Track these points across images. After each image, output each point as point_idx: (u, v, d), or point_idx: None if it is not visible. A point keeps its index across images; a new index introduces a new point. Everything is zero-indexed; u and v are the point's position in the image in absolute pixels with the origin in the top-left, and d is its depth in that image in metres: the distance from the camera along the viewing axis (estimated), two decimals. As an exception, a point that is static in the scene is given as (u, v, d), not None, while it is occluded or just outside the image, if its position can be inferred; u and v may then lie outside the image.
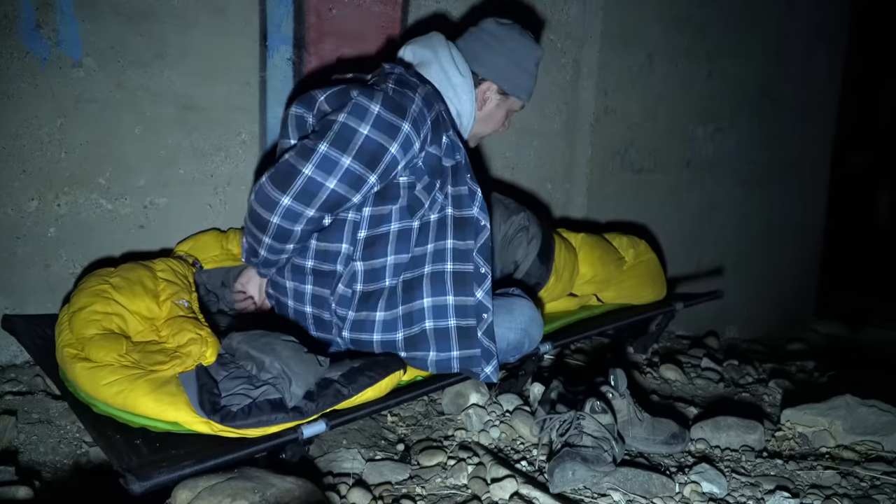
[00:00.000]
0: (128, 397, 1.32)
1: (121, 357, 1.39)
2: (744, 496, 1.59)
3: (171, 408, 1.32)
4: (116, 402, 1.33)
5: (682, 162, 3.53)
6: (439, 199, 1.59)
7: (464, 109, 1.72)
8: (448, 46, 1.71)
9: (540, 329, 1.75)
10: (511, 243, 1.96)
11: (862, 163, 7.06)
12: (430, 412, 1.89)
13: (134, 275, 1.59)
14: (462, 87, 1.69)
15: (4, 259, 1.73)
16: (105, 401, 1.34)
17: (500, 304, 1.69)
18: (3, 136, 1.68)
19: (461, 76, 1.69)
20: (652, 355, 2.56)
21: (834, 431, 1.93)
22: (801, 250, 4.67)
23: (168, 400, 1.32)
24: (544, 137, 2.85)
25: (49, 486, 1.41)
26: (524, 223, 1.97)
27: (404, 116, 1.49)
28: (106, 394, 1.33)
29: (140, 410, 1.32)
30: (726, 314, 3.79)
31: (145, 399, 1.32)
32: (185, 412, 1.32)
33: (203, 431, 1.32)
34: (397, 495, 1.47)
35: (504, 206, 2.00)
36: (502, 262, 1.98)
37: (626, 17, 3.02)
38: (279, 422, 1.33)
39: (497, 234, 1.96)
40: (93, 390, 1.35)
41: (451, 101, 1.68)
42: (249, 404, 1.33)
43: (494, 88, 1.77)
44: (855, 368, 2.92)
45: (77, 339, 1.43)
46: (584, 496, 1.53)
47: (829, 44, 4.51)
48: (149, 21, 1.81)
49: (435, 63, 1.67)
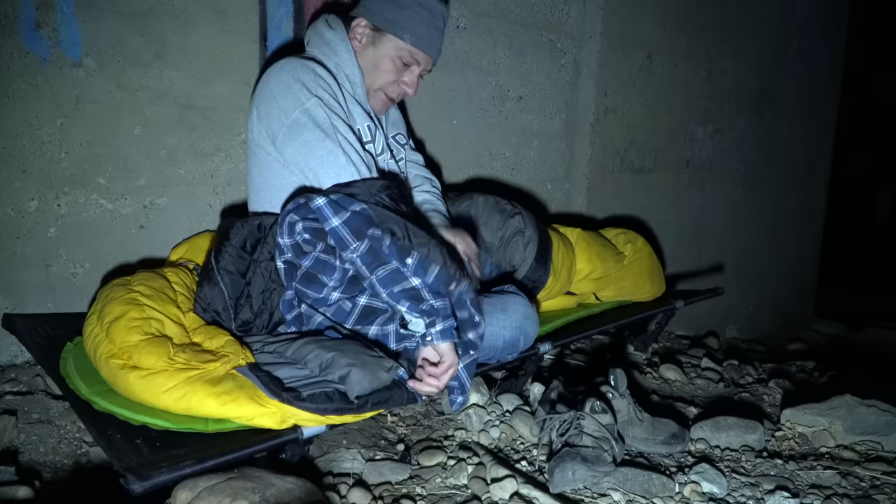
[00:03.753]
0: (191, 401, 1.31)
1: (171, 360, 1.37)
2: (744, 496, 1.59)
3: (235, 405, 1.31)
4: (179, 406, 1.31)
5: (682, 162, 3.53)
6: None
7: (342, 61, 1.71)
8: (325, 17, 1.77)
9: (535, 325, 1.74)
10: (508, 246, 1.95)
11: (862, 163, 7.07)
12: (430, 412, 1.89)
13: (156, 283, 1.57)
14: (333, 39, 1.71)
15: (4, 259, 1.73)
16: (166, 407, 1.32)
17: (495, 301, 1.68)
18: (3, 136, 1.68)
19: (331, 29, 1.72)
20: (652, 355, 2.57)
21: (834, 431, 1.93)
22: (801, 250, 4.67)
23: (229, 398, 1.32)
24: (544, 137, 2.86)
25: (49, 486, 1.41)
26: (520, 226, 1.96)
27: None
28: (167, 400, 1.32)
29: (204, 412, 1.31)
30: (726, 314, 3.80)
31: (208, 400, 1.31)
32: (248, 407, 1.31)
33: (263, 426, 1.32)
34: (397, 495, 1.47)
35: (500, 208, 2.00)
36: (499, 263, 1.97)
37: (625, 17, 3.02)
38: (344, 412, 1.34)
39: (494, 236, 1.95)
40: (152, 398, 1.33)
41: (333, 63, 1.70)
42: (316, 392, 1.34)
43: (363, 23, 1.72)
44: (855, 368, 2.92)
45: (120, 348, 1.39)
46: (584, 496, 1.53)
47: (829, 44, 4.51)
48: (149, 21, 1.81)
49: (312, 34, 1.74)
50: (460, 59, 2.50)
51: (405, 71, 1.74)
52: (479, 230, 1.97)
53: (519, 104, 2.73)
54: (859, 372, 2.79)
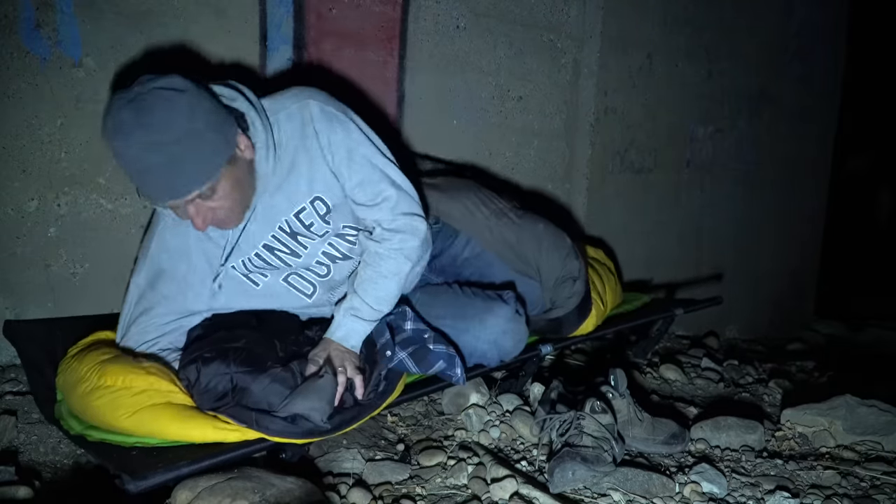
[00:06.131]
0: (152, 425, 1.31)
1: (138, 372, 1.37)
2: (744, 496, 1.59)
3: (197, 430, 1.31)
4: (141, 430, 1.31)
5: (682, 162, 3.53)
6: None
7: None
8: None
9: (515, 341, 1.70)
10: (556, 289, 1.90)
11: (862, 163, 7.06)
12: (430, 412, 1.89)
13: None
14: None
15: (4, 259, 1.73)
16: (127, 431, 1.32)
17: (478, 308, 1.68)
18: (3, 136, 1.68)
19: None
20: (652, 355, 2.57)
21: (834, 431, 1.93)
22: (801, 250, 4.67)
23: (192, 424, 1.32)
24: (544, 137, 2.85)
25: (49, 486, 1.41)
26: (575, 275, 1.91)
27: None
28: (127, 424, 1.31)
29: (165, 435, 1.31)
30: (726, 314, 3.79)
31: (170, 425, 1.31)
32: (210, 431, 1.31)
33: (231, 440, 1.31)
34: (397, 495, 1.47)
35: (559, 244, 1.91)
36: (548, 301, 1.91)
37: (625, 17, 3.02)
38: (302, 436, 1.35)
39: (549, 275, 1.88)
40: (113, 420, 1.32)
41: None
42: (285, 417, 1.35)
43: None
44: (855, 368, 2.92)
45: (89, 368, 1.39)
46: (584, 496, 1.53)
47: (829, 45, 4.51)
48: (149, 21, 1.81)
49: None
50: (460, 59, 2.50)
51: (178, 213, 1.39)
52: (533, 253, 1.89)
53: (519, 104, 2.73)
54: (859, 372, 2.79)
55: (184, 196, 1.31)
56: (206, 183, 1.31)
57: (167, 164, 1.26)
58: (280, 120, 1.46)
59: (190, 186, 1.30)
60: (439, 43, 2.42)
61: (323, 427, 1.35)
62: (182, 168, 1.27)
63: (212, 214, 1.37)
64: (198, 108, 1.28)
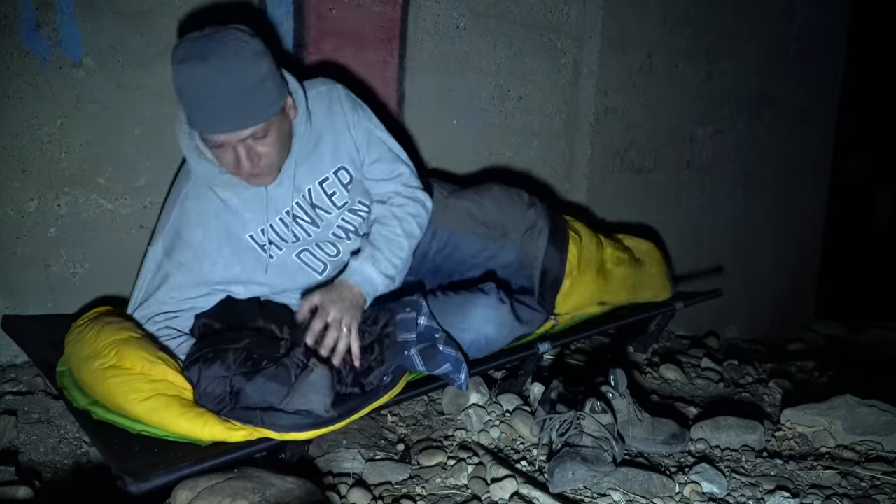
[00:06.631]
0: (162, 416, 1.31)
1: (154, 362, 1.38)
2: (744, 496, 1.59)
3: (206, 428, 1.31)
4: (151, 419, 1.31)
5: (682, 162, 3.53)
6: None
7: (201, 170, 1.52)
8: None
9: (497, 326, 1.71)
10: (525, 241, 1.93)
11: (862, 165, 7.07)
12: (430, 412, 1.89)
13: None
14: (185, 148, 1.52)
15: (4, 259, 1.73)
16: (138, 417, 1.32)
17: (457, 301, 1.70)
18: (3, 136, 1.68)
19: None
20: (652, 355, 2.57)
21: (834, 431, 1.93)
22: (800, 251, 4.67)
23: (200, 422, 1.31)
24: (544, 137, 2.86)
25: (49, 486, 1.41)
26: (539, 223, 1.93)
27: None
28: (140, 410, 1.31)
29: (174, 429, 1.31)
30: (726, 314, 3.79)
31: (179, 420, 1.31)
32: (218, 429, 1.31)
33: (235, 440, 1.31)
34: (397, 495, 1.47)
35: (515, 200, 1.97)
36: (522, 257, 1.94)
37: (625, 18, 3.02)
38: (310, 428, 1.34)
39: (517, 231, 1.92)
40: (126, 404, 1.32)
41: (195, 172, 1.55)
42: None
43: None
44: (855, 369, 2.92)
45: (104, 345, 1.40)
46: (584, 496, 1.53)
47: (829, 46, 4.51)
48: (149, 21, 1.81)
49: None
50: (460, 59, 2.50)
51: (222, 154, 1.43)
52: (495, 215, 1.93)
53: (519, 104, 2.73)
54: (859, 372, 2.79)
55: (246, 127, 1.37)
56: (267, 120, 1.39)
57: (236, 93, 1.33)
58: (311, 96, 1.58)
59: (255, 118, 1.37)
60: (439, 43, 2.43)
61: (328, 416, 1.35)
62: (250, 100, 1.35)
63: (258, 160, 1.43)
64: (265, 55, 1.39)
